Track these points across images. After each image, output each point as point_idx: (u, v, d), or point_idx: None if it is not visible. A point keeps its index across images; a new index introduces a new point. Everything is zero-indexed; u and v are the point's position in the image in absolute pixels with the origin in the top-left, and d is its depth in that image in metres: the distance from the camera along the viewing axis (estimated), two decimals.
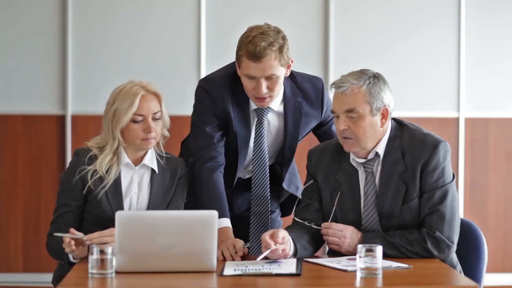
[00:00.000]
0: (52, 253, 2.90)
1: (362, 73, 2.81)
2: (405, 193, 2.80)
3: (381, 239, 2.76)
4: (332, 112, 2.83)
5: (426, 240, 2.76)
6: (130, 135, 2.92)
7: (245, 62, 2.97)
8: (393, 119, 2.91)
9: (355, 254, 2.54)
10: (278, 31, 2.99)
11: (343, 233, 2.80)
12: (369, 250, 2.47)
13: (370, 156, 2.84)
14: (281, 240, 2.68)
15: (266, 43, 2.93)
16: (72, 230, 2.73)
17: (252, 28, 3.00)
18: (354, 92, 2.77)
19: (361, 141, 2.79)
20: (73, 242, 2.69)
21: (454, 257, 2.85)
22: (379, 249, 2.47)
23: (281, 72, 3.00)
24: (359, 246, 2.49)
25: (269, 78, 2.98)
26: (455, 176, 2.85)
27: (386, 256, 2.68)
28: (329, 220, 2.86)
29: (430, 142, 2.81)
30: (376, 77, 2.81)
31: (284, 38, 2.99)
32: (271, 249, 2.65)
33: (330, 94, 2.89)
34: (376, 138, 2.83)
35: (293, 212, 3.03)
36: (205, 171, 3.09)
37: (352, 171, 2.87)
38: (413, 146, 2.82)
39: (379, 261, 2.47)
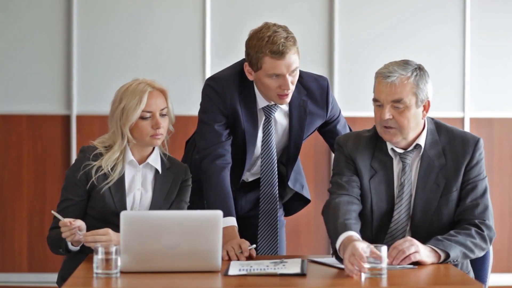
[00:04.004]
0: (51, 244, 2.92)
1: (406, 63, 2.82)
2: (444, 188, 2.81)
3: (456, 244, 2.70)
4: (375, 100, 2.81)
5: (481, 228, 2.75)
6: (139, 132, 2.94)
7: (268, 62, 2.97)
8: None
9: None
10: (285, 27, 3.02)
11: (411, 243, 2.64)
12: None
13: (410, 147, 2.84)
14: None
15: (284, 39, 2.95)
16: (67, 220, 2.76)
17: (260, 29, 3.00)
18: (403, 83, 2.77)
19: (404, 131, 2.80)
20: (74, 226, 2.74)
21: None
22: (384, 249, 2.47)
23: (299, 65, 3.02)
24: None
25: (292, 72, 2.99)
26: None
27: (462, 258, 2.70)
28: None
29: (471, 138, 2.85)
30: (421, 69, 2.84)
31: (291, 32, 3.01)
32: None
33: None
34: (417, 130, 2.84)
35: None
36: (214, 168, 3.08)
37: (386, 160, 2.87)
38: (454, 142, 2.85)
39: (384, 262, 2.47)
